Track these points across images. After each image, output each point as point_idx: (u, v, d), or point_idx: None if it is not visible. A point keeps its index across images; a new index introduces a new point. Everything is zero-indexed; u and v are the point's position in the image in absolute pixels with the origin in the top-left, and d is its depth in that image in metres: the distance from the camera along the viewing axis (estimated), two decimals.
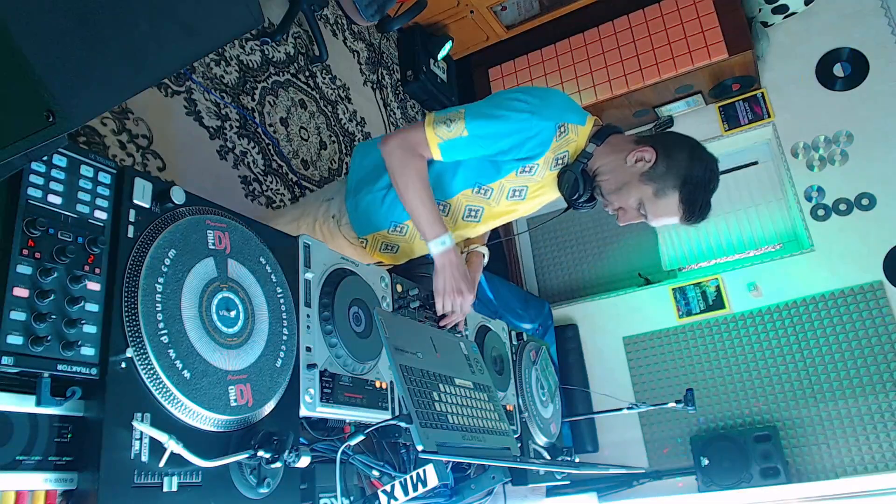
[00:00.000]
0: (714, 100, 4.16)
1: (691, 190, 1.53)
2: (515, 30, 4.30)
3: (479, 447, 1.19)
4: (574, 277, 4.64)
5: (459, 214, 1.68)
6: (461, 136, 1.52)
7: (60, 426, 0.87)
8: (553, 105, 1.55)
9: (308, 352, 1.20)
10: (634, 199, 1.57)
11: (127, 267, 0.93)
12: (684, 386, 2.95)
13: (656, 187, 1.54)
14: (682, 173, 1.53)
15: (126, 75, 0.87)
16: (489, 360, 1.88)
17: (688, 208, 1.55)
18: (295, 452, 1.02)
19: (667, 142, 1.58)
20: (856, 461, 3.48)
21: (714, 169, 1.57)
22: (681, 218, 1.57)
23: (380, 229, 1.70)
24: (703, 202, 1.56)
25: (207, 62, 2.74)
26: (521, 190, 1.64)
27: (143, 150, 2.33)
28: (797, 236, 3.97)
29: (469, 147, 1.54)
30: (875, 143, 3.76)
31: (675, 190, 1.53)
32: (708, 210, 1.58)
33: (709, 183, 1.55)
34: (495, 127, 1.50)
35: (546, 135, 1.53)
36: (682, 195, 1.54)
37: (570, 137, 1.57)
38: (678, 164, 1.53)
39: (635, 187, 1.56)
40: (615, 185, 1.58)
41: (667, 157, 1.54)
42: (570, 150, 1.59)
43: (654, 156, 1.54)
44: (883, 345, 3.53)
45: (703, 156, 1.56)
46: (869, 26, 3.87)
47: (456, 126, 1.52)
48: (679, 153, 1.54)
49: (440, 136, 1.53)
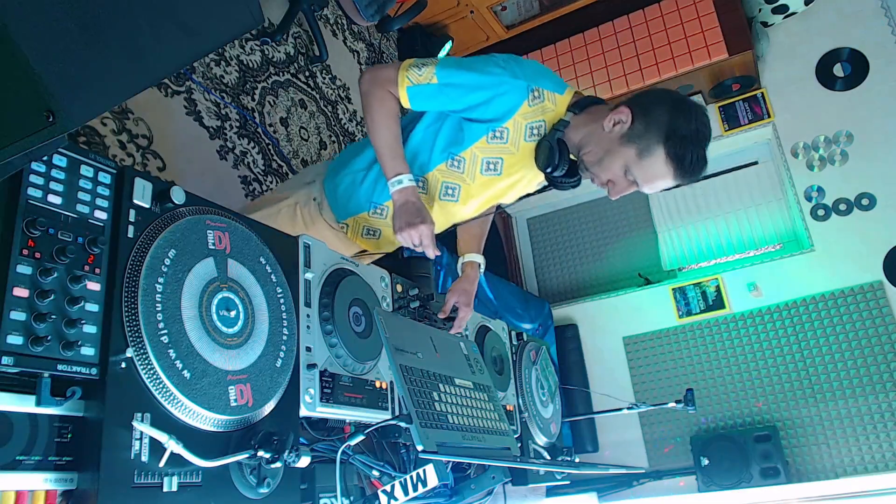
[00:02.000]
0: (714, 100, 4.16)
1: (676, 143, 1.42)
2: (515, 30, 4.30)
3: (479, 447, 1.19)
4: (574, 277, 4.64)
5: (437, 192, 1.62)
6: (430, 83, 1.47)
7: (60, 426, 0.87)
8: (528, 68, 1.49)
9: (308, 352, 1.20)
10: (619, 166, 1.48)
11: (127, 267, 0.93)
12: (684, 386, 2.95)
13: (638, 148, 1.45)
14: (663, 128, 1.42)
15: (126, 75, 0.87)
16: (489, 360, 1.88)
17: (677, 164, 1.44)
18: (295, 452, 1.02)
19: (643, 99, 1.49)
20: (856, 461, 3.48)
21: (700, 118, 1.45)
22: (672, 176, 1.46)
23: (360, 212, 1.66)
24: (694, 155, 1.44)
25: (207, 62, 2.74)
26: (496, 163, 1.55)
27: (143, 150, 2.33)
28: (797, 236, 3.97)
29: (437, 96, 1.49)
30: (875, 143, 3.76)
31: (660, 146, 1.43)
32: (703, 164, 1.46)
33: (696, 133, 1.44)
34: (465, 78, 1.46)
35: (516, 95, 1.46)
36: (668, 150, 1.43)
37: (546, 105, 1.50)
38: (657, 119, 1.43)
39: (617, 152, 1.47)
40: (598, 154, 1.50)
41: (644, 114, 1.45)
42: (547, 120, 1.52)
43: (629, 115, 1.46)
44: (883, 345, 3.53)
45: (684, 107, 1.46)
46: (869, 26, 3.87)
47: (426, 71, 1.48)
48: (657, 108, 1.45)
49: (410, 79, 1.48)
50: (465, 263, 1.85)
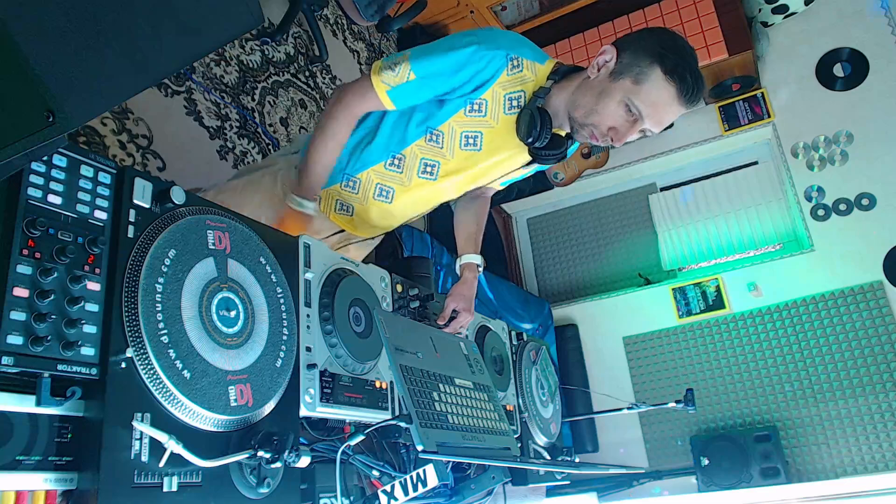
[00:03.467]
0: (714, 100, 4.16)
1: (670, 59, 1.36)
2: (515, 30, 4.30)
3: (479, 447, 1.19)
4: (574, 277, 4.64)
5: (415, 169, 1.56)
6: (409, 81, 1.41)
7: (60, 426, 0.87)
8: (504, 37, 1.45)
9: (308, 352, 1.20)
10: (616, 103, 1.40)
11: (127, 267, 0.93)
12: (684, 386, 2.94)
13: (633, 76, 1.38)
14: (653, 49, 1.37)
15: (126, 75, 0.87)
16: (489, 360, 1.88)
17: (678, 80, 1.36)
18: (295, 452, 1.02)
19: (624, 38, 1.45)
20: (856, 461, 3.48)
21: (683, 40, 1.41)
22: (676, 95, 1.38)
23: (332, 183, 1.62)
24: (690, 69, 1.37)
25: (207, 62, 2.74)
26: (475, 136, 1.49)
27: (143, 150, 2.33)
28: (797, 236, 3.97)
29: (420, 90, 1.44)
30: (875, 143, 3.76)
31: (655, 66, 1.36)
32: (702, 81, 1.40)
33: (684, 48, 1.39)
34: (442, 63, 1.40)
35: (495, 64, 1.40)
36: (665, 68, 1.36)
37: (525, 75, 1.44)
38: (644, 44, 1.39)
39: (611, 90, 1.40)
40: (590, 104, 1.43)
41: (629, 45, 1.40)
42: (528, 91, 1.45)
43: (613, 51, 1.41)
44: (883, 345, 3.53)
45: (666, 31, 1.43)
46: (869, 26, 3.87)
47: (401, 69, 1.41)
48: (641, 37, 1.41)
49: (387, 82, 1.43)
50: (462, 266, 1.80)
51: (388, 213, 1.68)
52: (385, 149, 1.57)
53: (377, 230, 1.77)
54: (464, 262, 1.80)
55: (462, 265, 1.80)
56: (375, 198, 1.62)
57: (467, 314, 1.70)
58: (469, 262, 1.79)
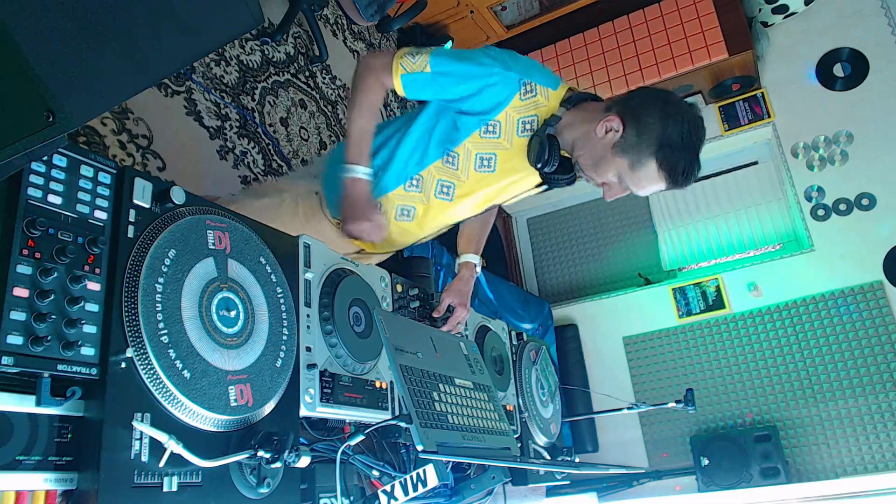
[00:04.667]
0: (714, 100, 4.16)
1: (668, 154, 1.40)
2: (515, 30, 4.31)
3: (479, 447, 1.19)
4: (574, 277, 4.64)
5: (432, 190, 1.61)
6: (423, 72, 1.48)
7: (60, 426, 0.87)
8: (520, 61, 1.50)
9: (308, 352, 1.20)
10: (612, 174, 1.47)
11: (127, 267, 0.93)
12: (684, 386, 2.95)
13: (631, 159, 1.43)
14: (654, 138, 1.40)
15: (126, 75, 0.87)
16: (489, 360, 1.88)
17: (669, 175, 1.43)
18: (295, 452, 1.02)
19: (634, 104, 1.45)
20: (856, 461, 3.48)
21: (692, 121, 1.43)
22: (665, 183, 1.45)
23: None
24: (687, 163, 1.43)
25: (207, 62, 2.74)
26: (490, 158, 1.54)
27: (143, 150, 2.33)
28: (797, 236, 3.97)
29: (430, 84, 1.49)
30: (875, 143, 3.76)
31: (651, 157, 1.41)
32: (696, 169, 1.45)
33: (688, 141, 1.42)
34: (458, 67, 1.46)
35: (508, 87, 1.46)
36: (660, 161, 1.41)
37: (538, 100, 1.49)
38: (649, 128, 1.41)
39: (610, 161, 1.46)
40: (591, 160, 1.49)
41: (636, 123, 1.42)
42: (540, 115, 1.50)
43: (621, 124, 1.44)
44: (883, 345, 3.53)
45: (676, 111, 1.42)
46: (869, 26, 3.87)
47: (420, 59, 1.48)
48: (649, 115, 1.42)
49: (405, 66, 1.49)
50: (460, 264, 1.86)
51: (409, 231, 1.71)
52: (403, 171, 1.61)
53: (395, 247, 1.81)
54: (462, 261, 1.86)
55: (460, 263, 1.86)
56: (398, 218, 1.66)
57: (463, 309, 1.74)
58: (467, 261, 1.85)
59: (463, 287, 1.78)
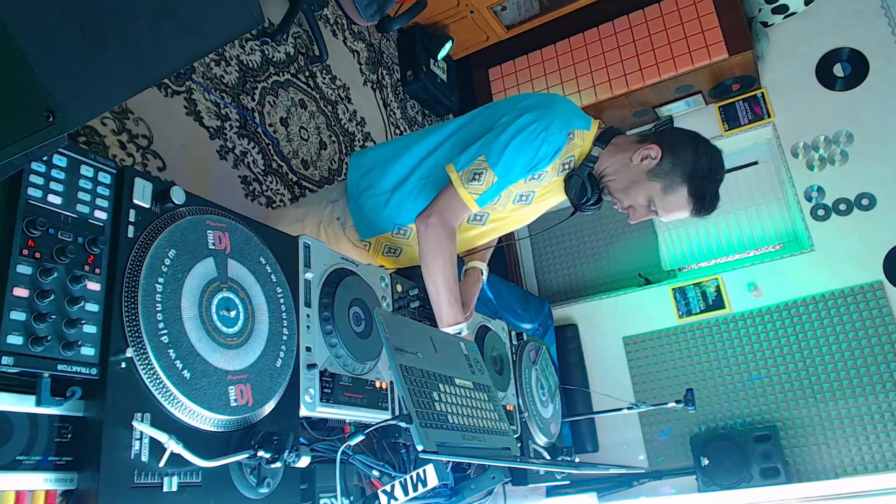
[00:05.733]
0: (714, 100, 4.15)
1: (699, 183, 1.57)
2: (515, 30, 4.30)
3: (479, 447, 1.19)
4: (574, 277, 4.64)
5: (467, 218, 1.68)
6: (494, 184, 1.54)
7: (60, 426, 0.87)
8: (561, 114, 1.57)
9: (308, 352, 1.20)
10: (644, 197, 1.61)
11: (127, 267, 0.93)
12: (684, 386, 2.95)
13: (664, 184, 1.58)
14: (688, 168, 1.56)
15: (126, 75, 0.87)
16: (489, 360, 1.88)
17: (697, 201, 1.59)
18: (295, 452, 1.02)
19: (671, 138, 1.62)
20: (856, 461, 3.48)
21: (719, 159, 1.61)
22: (691, 211, 1.61)
23: (383, 232, 1.70)
24: (712, 193, 1.60)
25: (207, 62, 2.74)
26: (528, 195, 1.66)
27: (143, 150, 2.33)
28: (797, 236, 3.97)
29: (503, 186, 1.57)
30: (875, 143, 3.76)
31: (683, 184, 1.57)
32: (717, 201, 1.62)
33: (715, 174, 1.59)
34: (521, 160, 1.53)
35: (558, 143, 1.56)
36: (691, 189, 1.57)
37: (576, 143, 1.60)
38: (683, 158, 1.57)
39: (643, 185, 1.60)
40: (623, 184, 1.62)
41: (672, 152, 1.57)
42: (576, 155, 1.62)
43: (659, 153, 1.58)
44: (883, 345, 3.53)
45: (707, 148, 1.60)
46: (869, 26, 3.86)
47: (486, 177, 1.54)
48: (683, 148, 1.58)
49: (475, 192, 1.55)
50: (468, 269, 1.89)
51: None
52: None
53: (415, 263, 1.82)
54: (470, 266, 1.90)
55: (467, 268, 1.90)
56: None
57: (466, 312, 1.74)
58: (475, 266, 1.90)
59: (468, 289, 1.82)
